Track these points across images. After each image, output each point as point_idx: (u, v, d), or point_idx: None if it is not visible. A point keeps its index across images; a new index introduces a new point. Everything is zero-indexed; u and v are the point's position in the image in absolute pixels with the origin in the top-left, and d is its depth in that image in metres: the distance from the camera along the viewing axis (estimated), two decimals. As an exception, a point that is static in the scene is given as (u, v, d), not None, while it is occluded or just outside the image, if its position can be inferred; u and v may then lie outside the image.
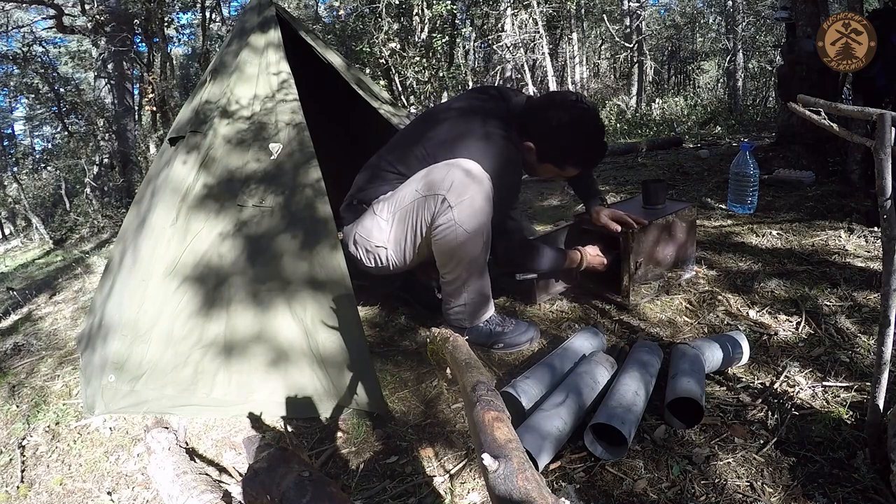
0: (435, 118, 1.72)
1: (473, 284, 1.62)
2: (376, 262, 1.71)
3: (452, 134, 1.62)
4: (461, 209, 1.48)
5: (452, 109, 1.72)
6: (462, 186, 1.48)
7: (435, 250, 1.58)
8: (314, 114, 2.11)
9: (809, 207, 2.60)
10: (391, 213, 1.63)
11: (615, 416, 1.17)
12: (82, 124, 8.27)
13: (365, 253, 1.71)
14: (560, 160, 1.69)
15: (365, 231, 1.68)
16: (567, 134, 1.61)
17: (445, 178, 1.49)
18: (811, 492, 1.04)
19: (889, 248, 0.93)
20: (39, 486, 1.39)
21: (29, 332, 2.47)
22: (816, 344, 1.50)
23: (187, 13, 10.85)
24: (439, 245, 1.55)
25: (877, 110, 0.89)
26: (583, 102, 1.64)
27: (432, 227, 1.53)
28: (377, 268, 1.73)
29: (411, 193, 1.57)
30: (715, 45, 13.40)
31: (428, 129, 1.68)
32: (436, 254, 1.58)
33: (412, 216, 1.58)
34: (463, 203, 1.48)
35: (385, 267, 1.71)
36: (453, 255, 1.55)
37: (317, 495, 0.90)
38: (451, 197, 1.48)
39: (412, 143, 1.68)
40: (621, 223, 1.76)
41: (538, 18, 7.85)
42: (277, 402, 1.49)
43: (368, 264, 1.73)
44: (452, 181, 1.48)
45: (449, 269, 1.59)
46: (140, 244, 1.74)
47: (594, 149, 1.69)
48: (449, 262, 1.57)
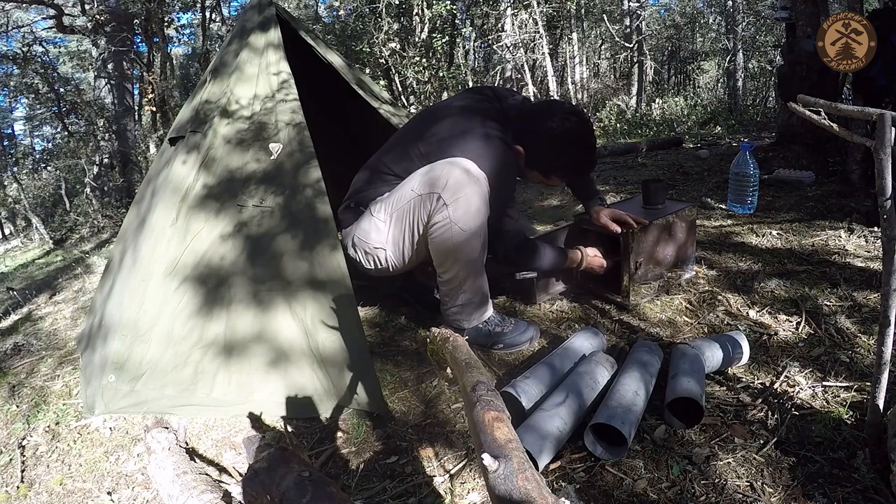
0: (432, 118, 1.72)
1: (471, 284, 1.62)
2: (376, 263, 1.71)
3: (450, 134, 1.62)
4: (457, 207, 1.48)
5: (450, 108, 1.72)
6: (458, 185, 1.48)
7: (431, 249, 1.58)
8: (314, 114, 2.11)
9: (809, 207, 2.60)
10: (388, 213, 1.63)
11: (615, 416, 1.17)
12: (82, 124, 8.26)
13: (364, 255, 1.71)
14: (546, 170, 1.71)
15: (363, 233, 1.68)
16: (557, 147, 1.62)
17: (441, 177, 1.49)
18: (811, 492, 1.04)
19: (889, 248, 0.93)
20: (39, 486, 1.39)
21: (29, 332, 2.47)
22: (816, 344, 1.50)
23: (187, 13, 10.85)
24: (435, 243, 1.55)
25: (877, 110, 0.89)
26: (578, 115, 1.64)
27: (428, 226, 1.54)
28: (377, 269, 1.73)
29: (408, 193, 1.57)
30: (715, 45, 13.40)
31: (425, 129, 1.68)
32: (432, 253, 1.58)
33: (409, 216, 1.58)
34: (459, 201, 1.48)
35: (384, 268, 1.71)
36: (450, 254, 1.55)
37: (317, 495, 0.90)
38: (447, 195, 1.48)
39: (409, 144, 1.69)
40: (621, 223, 1.76)
41: (538, 18, 7.85)
42: (277, 402, 1.49)
43: (368, 266, 1.73)
44: (448, 179, 1.48)
45: (446, 269, 1.59)
46: (140, 244, 1.74)
47: (582, 163, 1.70)
48: (445, 261, 1.57)
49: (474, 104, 1.71)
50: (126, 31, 7.47)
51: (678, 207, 1.89)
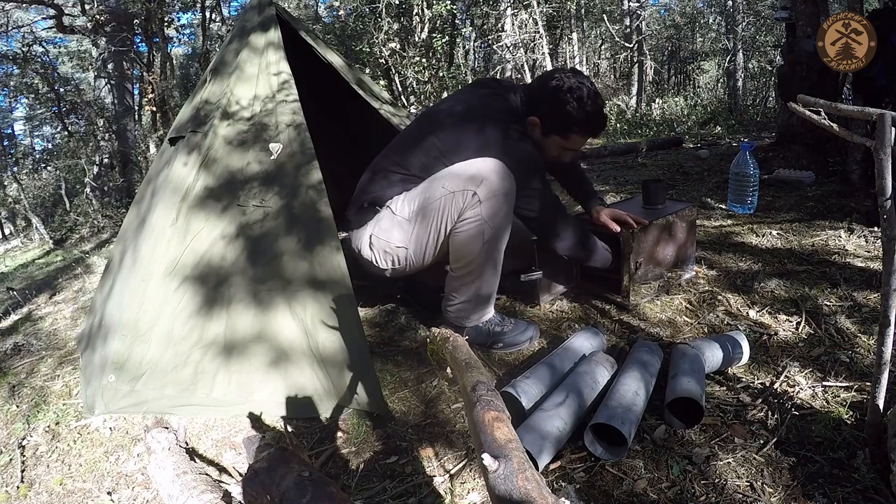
0: (441, 117, 1.69)
1: (482, 282, 1.61)
2: (394, 262, 1.67)
3: (469, 133, 1.60)
4: (491, 206, 1.48)
5: (462, 105, 1.69)
6: (494, 185, 1.48)
7: (456, 243, 1.56)
8: (314, 114, 2.11)
9: (809, 207, 2.60)
10: (414, 212, 1.60)
11: (615, 416, 1.17)
12: (82, 124, 8.26)
13: (383, 254, 1.66)
14: (565, 128, 1.66)
15: (383, 232, 1.64)
16: (569, 98, 1.62)
17: (477, 176, 1.49)
18: (811, 492, 1.04)
19: (889, 248, 0.93)
20: (39, 486, 1.39)
21: (29, 332, 2.47)
22: (816, 344, 1.50)
23: (187, 13, 10.85)
24: (462, 238, 1.53)
25: (877, 110, 0.89)
26: (581, 74, 1.68)
27: (458, 220, 1.52)
28: (393, 269, 1.69)
29: (439, 191, 1.54)
30: (715, 45, 13.41)
31: (440, 128, 1.65)
32: (456, 247, 1.56)
33: (438, 213, 1.55)
34: (493, 201, 1.48)
35: (401, 268, 1.68)
36: (472, 250, 1.54)
37: (317, 495, 0.90)
38: (483, 192, 1.48)
39: (425, 143, 1.65)
40: (621, 223, 1.76)
41: (538, 18, 7.85)
42: (277, 402, 1.49)
43: (384, 266, 1.69)
44: (484, 179, 1.48)
45: (463, 264, 1.58)
46: (140, 244, 1.74)
47: (595, 116, 1.67)
48: (465, 256, 1.56)
49: (484, 99, 1.68)
50: (126, 31, 7.47)
51: (678, 207, 1.89)
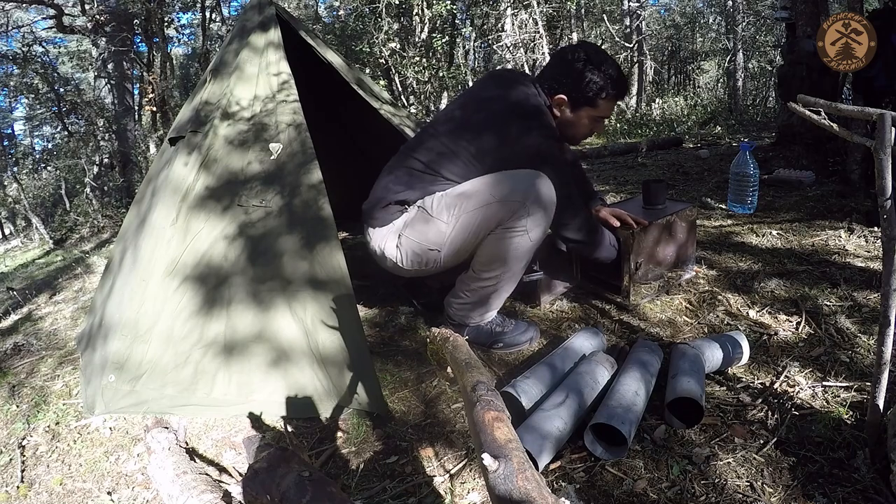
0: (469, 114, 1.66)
1: (500, 290, 1.62)
2: (421, 263, 1.63)
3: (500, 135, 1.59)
4: (536, 220, 1.50)
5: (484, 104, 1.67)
6: (543, 201, 1.50)
7: (489, 248, 1.55)
8: (313, 113, 2.11)
9: (809, 207, 2.60)
10: (454, 215, 1.56)
11: (615, 416, 1.17)
12: (82, 124, 8.26)
13: (412, 254, 1.62)
14: (595, 95, 1.65)
15: (417, 233, 1.60)
16: (591, 66, 1.63)
17: (532, 190, 1.50)
18: (811, 492, 1.04)
19: (889, 248, 0.93)
20: (39, 486, 1.39)
21: (29, 332, 2.47)
22: (816, 344, 1.50)
23: (187, 13, 10.86)
24: (499, 245, 1.53)
25: (877, 110, 0.89)
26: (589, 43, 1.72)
27: (503, 227, 1.52)
28: (417, 270, 1.65)
29: (486, 197, 1.52)
30: (715, 45, 13.41)
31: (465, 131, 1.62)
32: (487, 251, 1.55)
33: (480, 219, 1.53)
34: (538, 216, 1.50)
35: (425, 269, 1.65)
36: (505, 259, 1.54)
37: (317, 495, 0.90)
38: (532, 206, 1.49)
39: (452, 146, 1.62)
40: (621, 222, 1.76)
41: (538, 18, 7.85)
42: (277, 401, 1.49)
43: (408, 266, 1.64)
44: (537, 193, 1.50)
45: (490, 269, 1.57)
46: (140, 244, 1.74)
47: (618, 80, 1.67)
48: (495, 262, 1.56)
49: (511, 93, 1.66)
50: (126, 31, 7.47)
51: (678, 207, 1.89)
